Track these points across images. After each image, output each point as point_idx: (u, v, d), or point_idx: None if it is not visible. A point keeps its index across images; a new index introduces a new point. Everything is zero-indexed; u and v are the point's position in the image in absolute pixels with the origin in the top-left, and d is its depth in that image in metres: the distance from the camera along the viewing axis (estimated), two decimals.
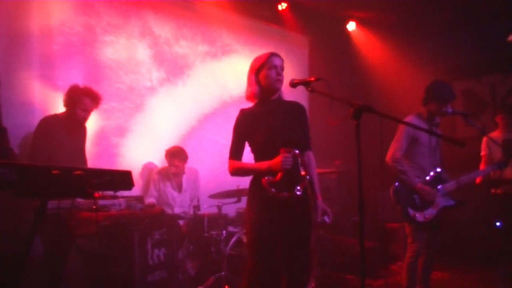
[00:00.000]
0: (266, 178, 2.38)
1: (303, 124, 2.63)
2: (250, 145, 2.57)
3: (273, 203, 2.39)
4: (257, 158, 2.53)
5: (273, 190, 2.37)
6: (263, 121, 2.50)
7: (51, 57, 3.98)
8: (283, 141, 2.45)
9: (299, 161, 2.47)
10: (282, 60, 2.57)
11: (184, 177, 4.53)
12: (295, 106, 2.65)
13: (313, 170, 2.61)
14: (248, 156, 2.61)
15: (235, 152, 2.55)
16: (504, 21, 5.46)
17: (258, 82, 2.54)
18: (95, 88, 3.61)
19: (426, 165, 3.44)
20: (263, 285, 2.36)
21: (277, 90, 2.55)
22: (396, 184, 3.40)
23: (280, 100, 2.60)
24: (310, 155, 2.63)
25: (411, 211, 3.33)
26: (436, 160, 3.50)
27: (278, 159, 2.36)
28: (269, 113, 2.53)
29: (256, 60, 2.59)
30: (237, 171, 2.53)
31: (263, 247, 2.39)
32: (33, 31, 3.86)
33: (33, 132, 3.43)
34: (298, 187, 2.42)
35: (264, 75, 2.51)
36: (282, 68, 2.54)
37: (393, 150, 3.40)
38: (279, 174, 2.37)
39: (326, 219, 2.54)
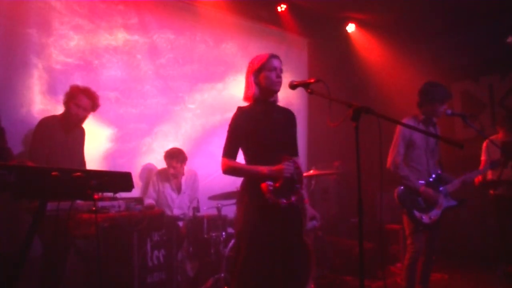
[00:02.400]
0: (267, 183, 2.36)
1: (294, 130, 2.65)
2: (246, 145, 2.51)
3: (272, 209, 2.37)
4: (252, 159, 2.49)
5: (273, 196, 2.35)
6: (262, 122, 2.48)
7: (50, 59, 3.98)
8: (281, 143, 2.46)
9: (296, 169, 2.45)
10: (281, 61, 2.55)
11: (183, 179, 4.53)
12: (288, 112, 2.67)
13: (301, 176, 2.61)
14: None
15: (230, 151, 2.48)
16: (502, 22, 5.47)
17: (257, 83, 2.50)
18: (94, 88, 3.61)
19: (424, 167, 3.46)
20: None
21: (276, 92, 2.54)
22: (401, 187, 3.42)
23: (275, 103, 2.60)
24: (298, 161, 2.61)
25: (417, 213, 3.37)
26: (435, 161, 3.52)
27: (280, 167, 2.36)
28: (267, 114, 2.51)
29: (255, 61, 2.54)
30: (231, 171, 2.46)
31: (264, 253, 2.35)
32: (32, 32, 3.86)
33: (32, 134, 3.43)
34: (295, 196, 2.42)
35: (264, 76, 2.48)
36: (281, 70, 2.52)
37: (393, 156, 3.43)
38: (280, 181, 2.37)
39: (315, 223, 2.55)
